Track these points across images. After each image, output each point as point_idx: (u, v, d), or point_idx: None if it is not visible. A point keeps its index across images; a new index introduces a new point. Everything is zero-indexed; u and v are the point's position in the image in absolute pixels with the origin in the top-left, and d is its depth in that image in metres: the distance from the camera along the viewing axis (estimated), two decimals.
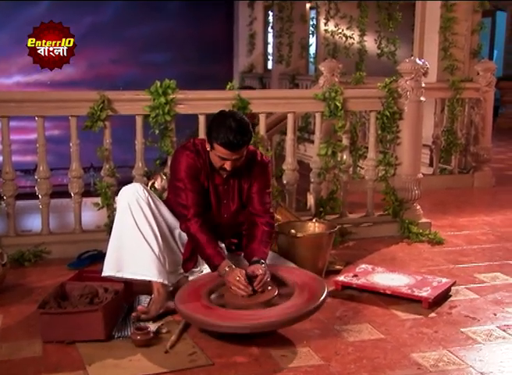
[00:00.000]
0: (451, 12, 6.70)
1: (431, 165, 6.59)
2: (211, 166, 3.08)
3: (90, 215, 4.38)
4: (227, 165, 3.00)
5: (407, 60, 4.44)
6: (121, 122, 4.11)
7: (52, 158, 4.16)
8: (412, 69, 4.33)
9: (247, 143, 2.98)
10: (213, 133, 2.95)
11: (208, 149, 3.04)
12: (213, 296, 2.91)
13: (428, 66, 4.43)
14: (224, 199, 3.17)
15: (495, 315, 3.10)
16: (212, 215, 3.16)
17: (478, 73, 6.32)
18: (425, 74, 4.42)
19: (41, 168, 3.97)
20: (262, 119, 4.26)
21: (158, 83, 3.95)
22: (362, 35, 9.80)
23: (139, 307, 2.99)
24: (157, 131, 4.02)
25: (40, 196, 4.01)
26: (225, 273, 2.91)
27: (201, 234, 3.01)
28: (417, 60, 4.41)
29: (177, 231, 3.16)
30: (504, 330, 2.91)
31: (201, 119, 4.12)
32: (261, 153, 3.27)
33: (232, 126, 2.91)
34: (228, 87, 4.23)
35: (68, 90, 12.81)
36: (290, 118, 4.33)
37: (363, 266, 3.67)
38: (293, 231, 3.56)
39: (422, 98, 4.42)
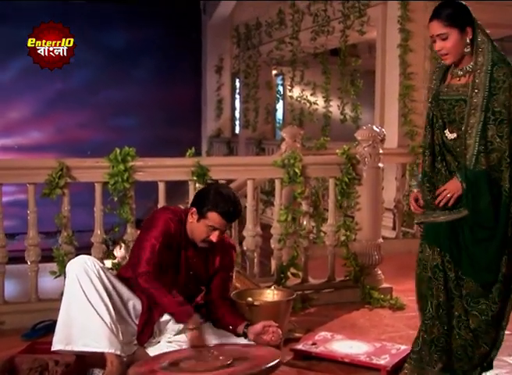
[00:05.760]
0: (409, 80, 6.92)
1: (394, 228, 6.65)
2: (186, 237, 3.09)
3: (51, 281, 4.28)
4: (214, 236, 3.02)
5: (365, 127, 4.54)
6: (85, 186, 4.10)
7: (18, 223, 4.11)
8: (369, 136, 4.41)
9: (240, 216, 3.08)
10: (209, 203, 2.98)
11: (191, 220, 3.05)
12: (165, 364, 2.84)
13: (384, 133, 4.53)
14: (191, 271, 3.18)
15: None
16: (178, 286, 3.13)
17: None
18: (383, 141, 4.50)
19: None
20: None
21: (118, 151, 3.97)
22: (327, 101, 10.01)
23: None
24: (116, 198, 4.01)
25: None
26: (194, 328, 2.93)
27: (157, 283, 2.97)
28: (374, 127, 4.51)
29: (131, 303, 3.07)
30: None
31: (161, 187, 4.13)
32: (226, 235, 3.35)
33: (231, 197, 3.00)
34: (188, 154, 4.26)
35: (36, 155, 12.81)
36: (250, 185, 4.36)
37: (322, 333, 3.64)
38: (250, 299, 3.52)
39: (380, 164, 4.49)
